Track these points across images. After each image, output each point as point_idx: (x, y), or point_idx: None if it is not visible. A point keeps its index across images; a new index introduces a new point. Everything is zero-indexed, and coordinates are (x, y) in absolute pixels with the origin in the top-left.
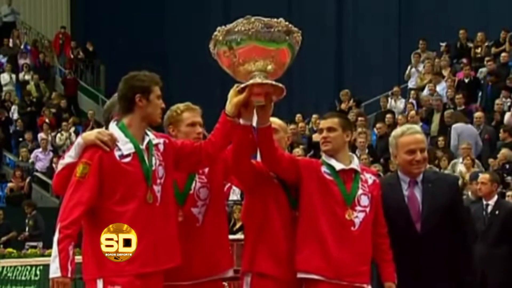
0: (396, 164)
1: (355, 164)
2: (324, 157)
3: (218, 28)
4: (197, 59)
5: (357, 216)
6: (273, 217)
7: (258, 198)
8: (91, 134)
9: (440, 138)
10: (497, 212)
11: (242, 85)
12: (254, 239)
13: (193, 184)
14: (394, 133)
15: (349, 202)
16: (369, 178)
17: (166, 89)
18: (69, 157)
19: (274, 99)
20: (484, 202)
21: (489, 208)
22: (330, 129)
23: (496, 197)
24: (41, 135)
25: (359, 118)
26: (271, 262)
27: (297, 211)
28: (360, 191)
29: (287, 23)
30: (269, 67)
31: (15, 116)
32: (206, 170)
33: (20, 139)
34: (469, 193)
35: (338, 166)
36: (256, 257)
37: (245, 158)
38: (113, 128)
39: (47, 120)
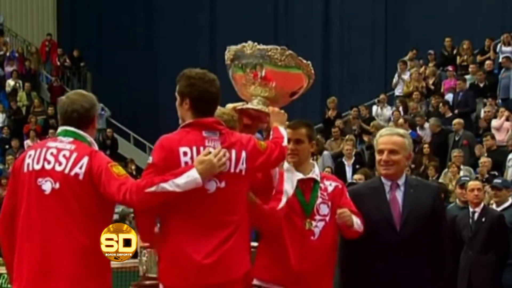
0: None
1: (315, 173)
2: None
3: (249, 42)
4: (185, 65)
5: (317, 226)
6: None
7: None
8: (208, 165)
9: (426, 146)
10: (483, 219)
11: (250, 108)
12: None
13: None
14: (378, 134)
15: (308, 212)
16: (329, 185)
17: (155, 95)
18: (175, 187)
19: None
20: (471, 209)
21: (476, 216)
22: (298, 141)
23: (482, 204)
24: (27, 142)
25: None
26: None
27: None
28: (319, 200)
29: (311, 68)
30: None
31: (1, 123)
32: None
33: (7, 146)
34: (457, 200)
35: (297, 176)
36: None
37: None
38: None
39: (33, 128)
